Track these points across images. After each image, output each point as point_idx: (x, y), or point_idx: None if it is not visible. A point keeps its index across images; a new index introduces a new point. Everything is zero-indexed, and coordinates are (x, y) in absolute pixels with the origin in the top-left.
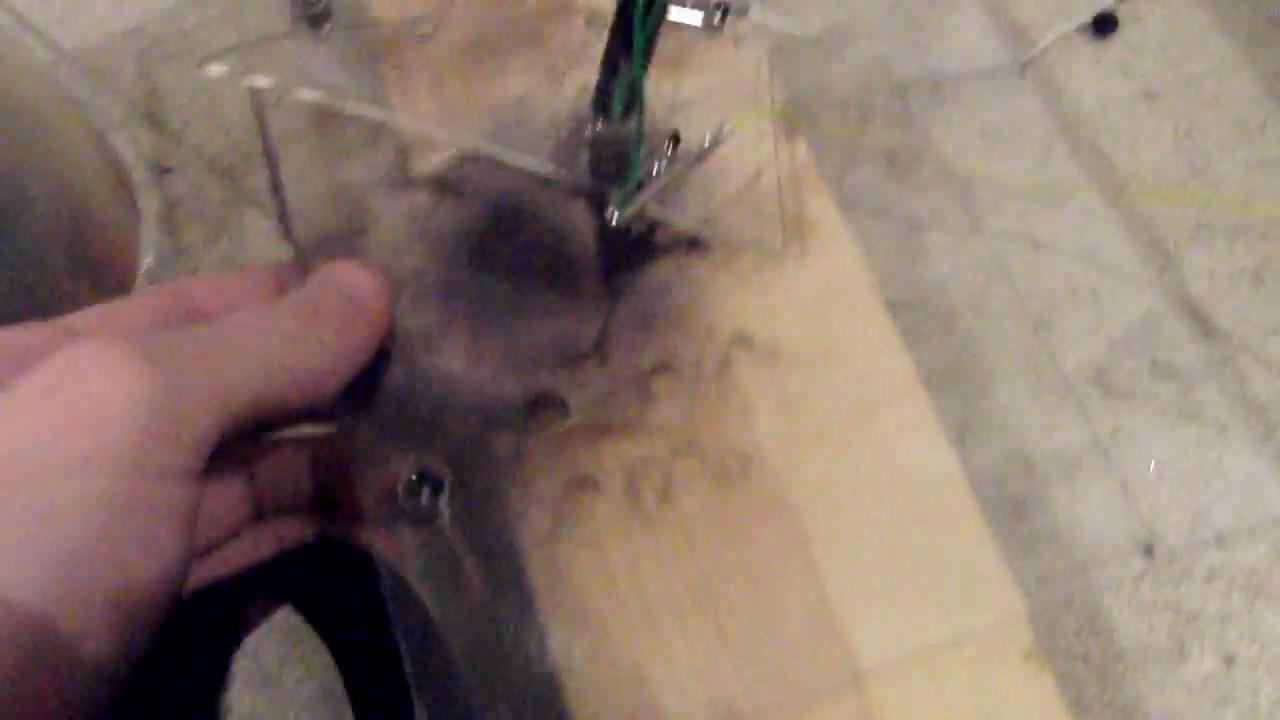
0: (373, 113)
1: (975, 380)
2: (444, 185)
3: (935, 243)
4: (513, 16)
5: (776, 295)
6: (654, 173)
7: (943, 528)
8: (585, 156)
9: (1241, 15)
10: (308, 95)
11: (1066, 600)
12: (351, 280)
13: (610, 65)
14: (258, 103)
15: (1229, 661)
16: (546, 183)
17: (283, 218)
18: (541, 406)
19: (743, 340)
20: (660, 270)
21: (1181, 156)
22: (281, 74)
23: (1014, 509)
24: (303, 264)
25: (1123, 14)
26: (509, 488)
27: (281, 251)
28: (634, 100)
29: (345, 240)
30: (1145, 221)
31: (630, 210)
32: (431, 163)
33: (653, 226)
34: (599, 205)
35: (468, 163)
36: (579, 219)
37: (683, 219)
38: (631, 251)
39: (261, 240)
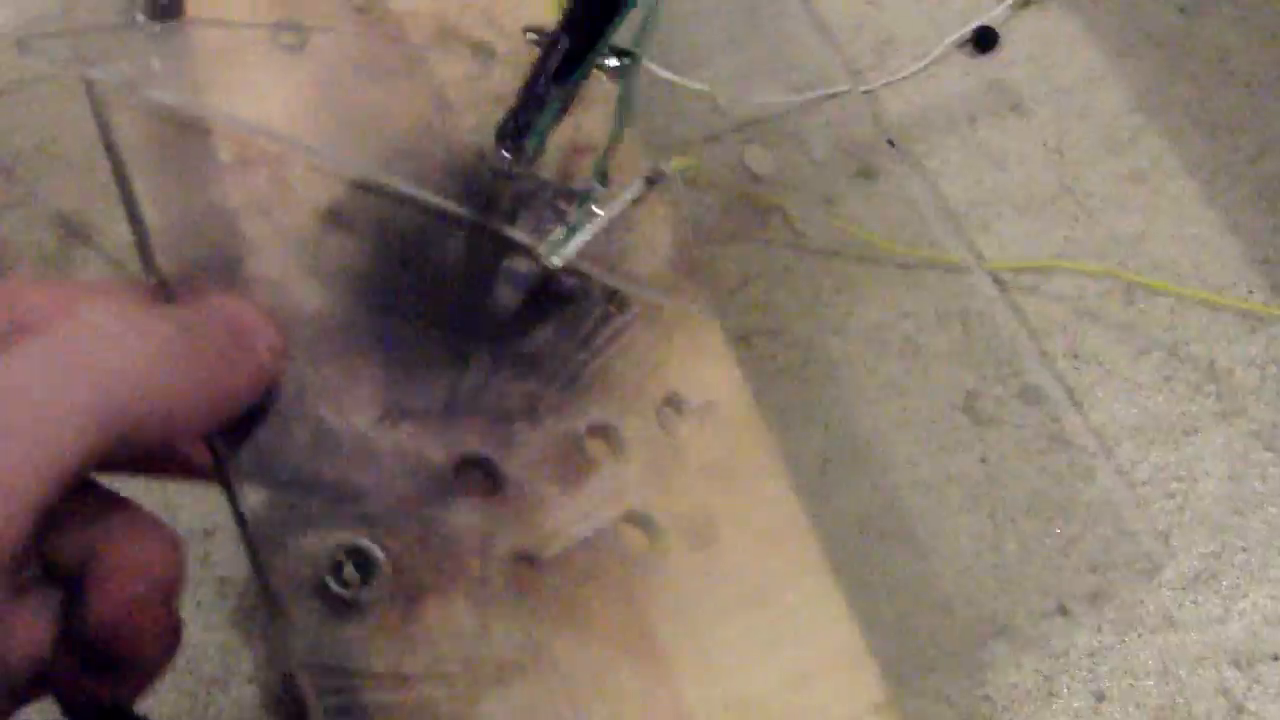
0: (250, 129)
1: (838, 409)
2: (334, 215)
3: (798, 267)
4: (393, 38)
5: (701, 353)
6: (578, 217)
7: (794, 584)
8: (491, 195)
9: (1112, 27)
10: (162, 96)
11: (930, 640)
12: (236, 313)
13: (533, 101)
14: (97, 100)
15: (1100, 698)
16: (449, 220)
17: (140, 243)
18: (469, 471)
19: (674, 401)
20: (582, 323)
21: (1051, 171)
22: (123, 70)
23: (877, 545)
24: (165, 298)
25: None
26: (436, 565)
27: None
28: (612, 143)
29: (219, 272)
30: (1016, 241)
31: (565, 256)
32: (318, 189)
33: (566, 275)
34: (507, 248)
35: (360, 193)
36: (489, 263)
37: (601, 269)
38: (548, 300)
39: None
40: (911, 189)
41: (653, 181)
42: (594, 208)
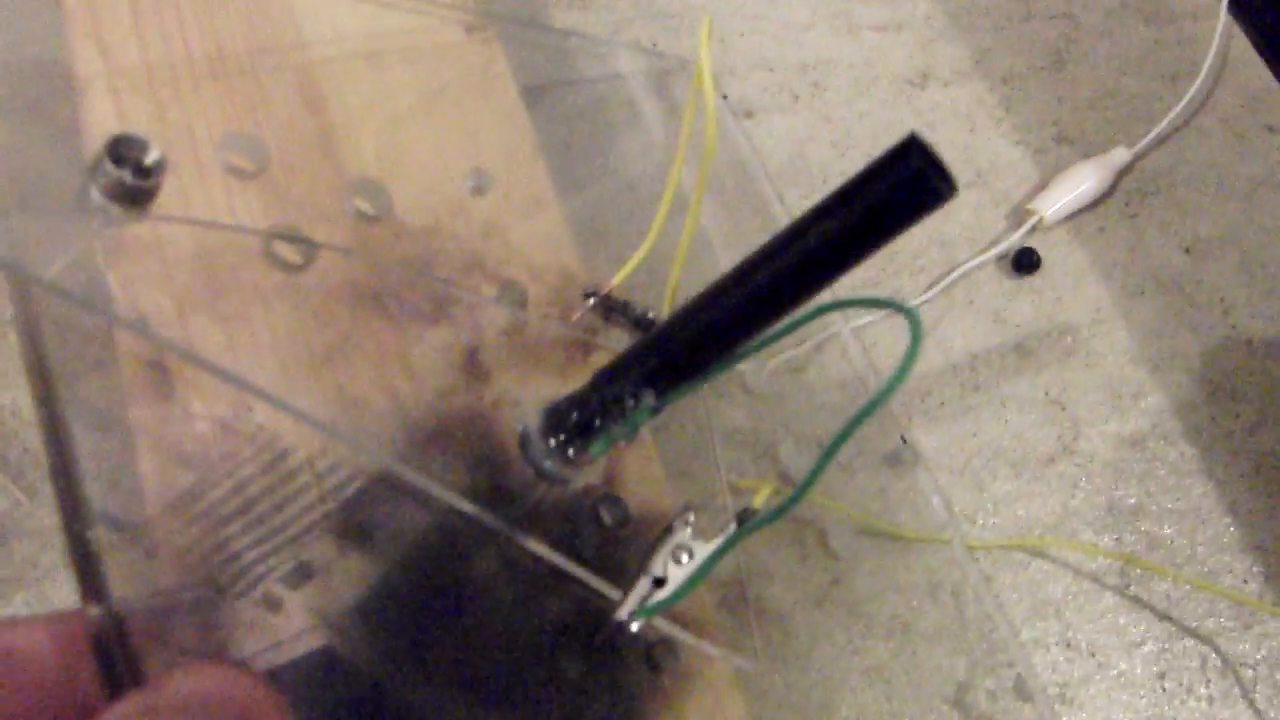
0: (233, 380)
1: (816, 695)
2: (348, 525)
3: (778, 526)
4: (415, 268)
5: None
6: (670, 571)
7: None
8: (524, 496)
9: (1117, 262)
10: (113, 311)
11: None
12: (238, 703)
13: (611, 404)
14: (22, 301)
15: None
16: (487, 536)
17: (74, 541)
18: None
19: None
20: (627, 687)
21: (1051, 427)
22: (65, 268)
23: None
24: (124, 648)
25: (994, 254)
26: None
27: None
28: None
29: (191, 605)
30: (1010, 506)
31: (644, 619)
32: (326, 482)
33: (619, 627)
34: (559, 586)
35: (379, 492)
36: (532, 599)
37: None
38: (588, 655)
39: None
40: (906, 390)
41: (743, 521)
42: (685, 557)
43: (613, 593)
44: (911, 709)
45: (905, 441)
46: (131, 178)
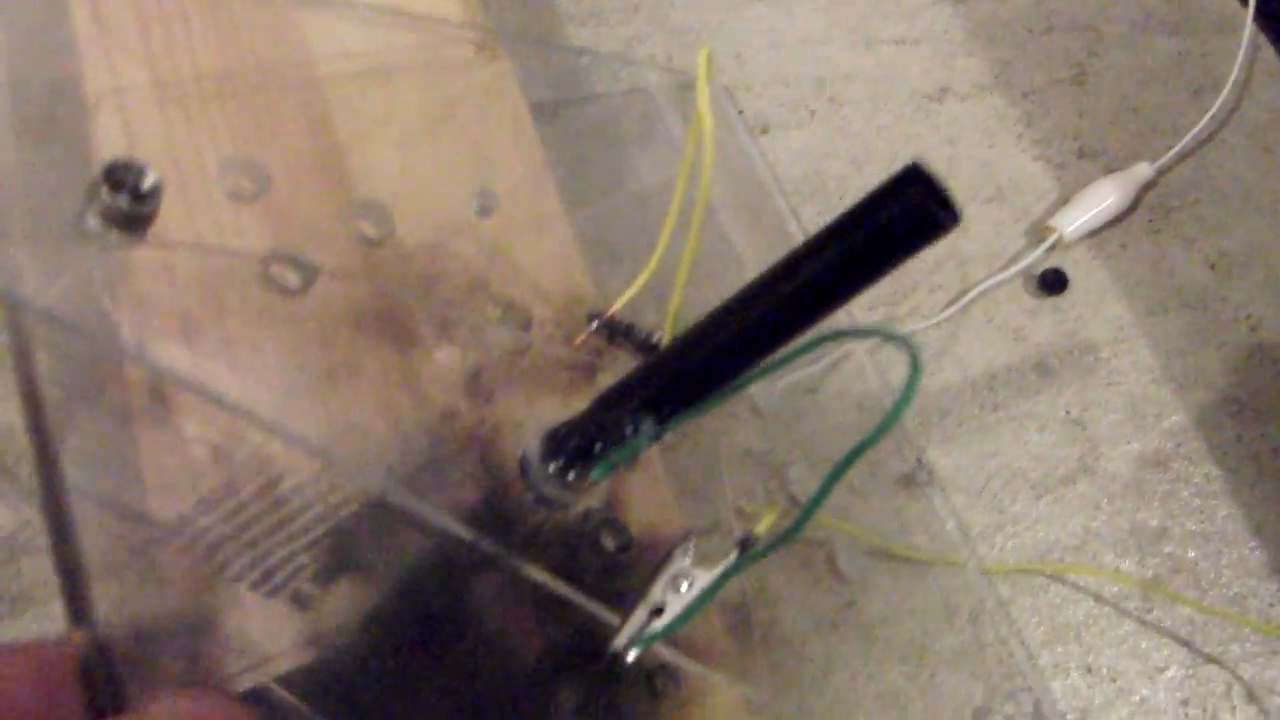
0: (229, 407)
1: (833, 717)
2: (340, 552)
3: (793, 549)
4: (416, 291)
5: None
6: (670, 602)
7: None
8: (522, 520)
9: (1141, 279)
10: (108, 337)
11: None
12: None
13: (611, 431)
14: (18, 330)
15: None
16: (484, 560)
17: (65, 570)
18: None
19: None
20: (626, 716)
21: (1072, 447)
22: (60, 294)
23: None
24: (109, 674)
25: (1013, 272)
26: None
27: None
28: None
29: (179, 635)
30: (1030, 528)
31: (642, 649)
32: (319, 508)
33: (615, 656)
34: (546, 607)
35: (373, 517)
36: (530, 623)
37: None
38: (587, 684)
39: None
40: (925, 408)
41: (745, 548)
42: (685, 585)
43: (612, 619)
44: None
45: (921, 463)
46: (128, 204)
